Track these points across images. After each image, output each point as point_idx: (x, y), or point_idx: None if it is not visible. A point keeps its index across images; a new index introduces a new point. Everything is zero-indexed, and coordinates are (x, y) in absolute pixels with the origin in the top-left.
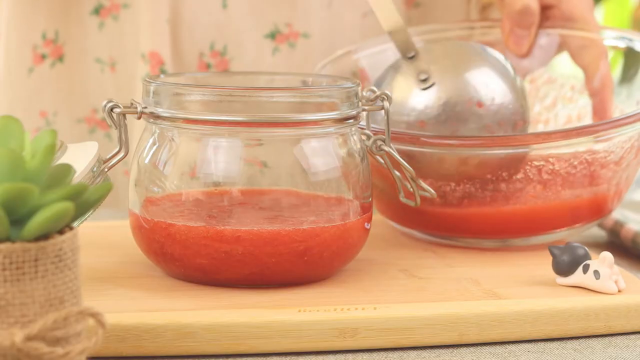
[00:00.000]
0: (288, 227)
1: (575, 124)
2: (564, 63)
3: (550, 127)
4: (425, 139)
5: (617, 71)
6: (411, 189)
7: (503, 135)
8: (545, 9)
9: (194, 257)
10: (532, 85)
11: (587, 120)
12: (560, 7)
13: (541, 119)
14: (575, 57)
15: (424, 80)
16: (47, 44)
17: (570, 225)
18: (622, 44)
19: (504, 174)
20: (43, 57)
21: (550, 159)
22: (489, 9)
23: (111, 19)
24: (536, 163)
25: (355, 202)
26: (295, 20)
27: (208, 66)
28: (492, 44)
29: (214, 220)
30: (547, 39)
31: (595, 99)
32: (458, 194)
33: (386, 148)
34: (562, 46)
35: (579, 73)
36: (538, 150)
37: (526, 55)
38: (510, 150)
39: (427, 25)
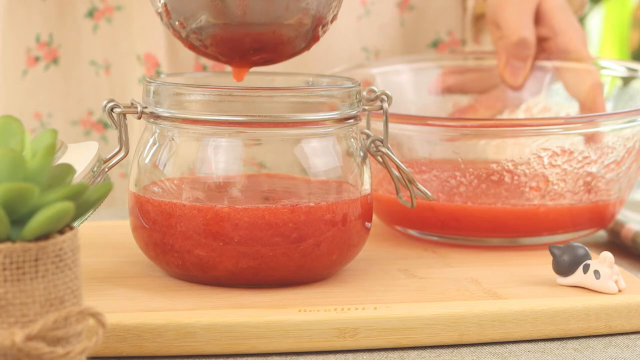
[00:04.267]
0: (288, 226)
1: (568, 154)
2: (559, 92)
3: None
4: None
5: (611, 100)
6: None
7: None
8: (540, 41)
9: (193, 247)
10: (527, 113)
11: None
12: (555, 40)
13: None
14: (570, 89)
15: None
16: (41, 47)
17: (574, 229)
18: (616, 74)
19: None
20: (37, 59)
21: (552, 160)
22: (482, 20)
23: (105, 22)
24: (541, 154)
25: (355, 202)
26: None
27: (204, 68)
28: (486, 70)
29: (214, 219)
30: (541, 70)
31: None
32: (461, 190)
33: (384, 149)
34: (557, 78)
35: (574, 102)
36: (539, 143)
37: (522, 86)
38: None
39: (420, 54)
